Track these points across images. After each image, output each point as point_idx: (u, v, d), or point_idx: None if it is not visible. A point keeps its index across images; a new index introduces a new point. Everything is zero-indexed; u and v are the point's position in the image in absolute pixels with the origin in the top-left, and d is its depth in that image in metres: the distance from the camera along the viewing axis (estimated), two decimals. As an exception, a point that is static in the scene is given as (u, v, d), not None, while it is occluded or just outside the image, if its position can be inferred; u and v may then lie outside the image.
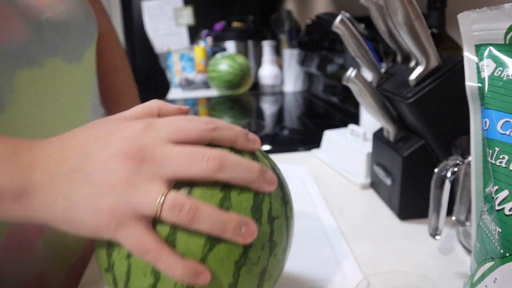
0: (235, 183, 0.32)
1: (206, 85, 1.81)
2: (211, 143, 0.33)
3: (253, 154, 0.36)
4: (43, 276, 0.51)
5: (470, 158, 0.37)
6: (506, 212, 0.31)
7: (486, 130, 0.33)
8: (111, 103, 0.75)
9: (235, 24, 2.00)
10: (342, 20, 0.57)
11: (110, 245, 0.32)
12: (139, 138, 0.31)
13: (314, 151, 0.86)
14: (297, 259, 0.49)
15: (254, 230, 0.31)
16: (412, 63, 0.56)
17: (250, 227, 0.31)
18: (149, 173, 0.30)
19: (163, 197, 0.29)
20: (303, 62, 1.58)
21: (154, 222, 0.31)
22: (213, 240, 0.31)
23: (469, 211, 0.47)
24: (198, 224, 0.29)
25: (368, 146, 0.70)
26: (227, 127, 0.34)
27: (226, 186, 0.32)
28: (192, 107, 1.49)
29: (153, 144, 0.31)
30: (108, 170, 0.30)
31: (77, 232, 0.31)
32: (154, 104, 0.36)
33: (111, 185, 0.30)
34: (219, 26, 2.18)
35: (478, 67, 0.35)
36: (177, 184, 0.31)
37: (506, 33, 0.32)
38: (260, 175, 0.32)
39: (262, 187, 0.33)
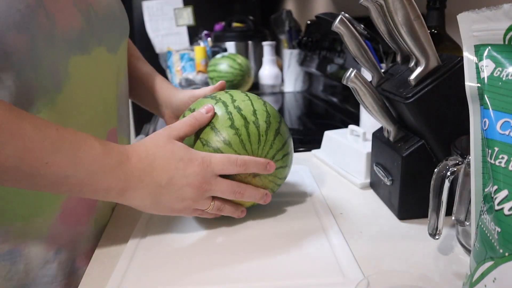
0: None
1: (206, 85, 1.81)
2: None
3: (264, 103, 0.58)
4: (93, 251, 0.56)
5: (469, 158, 0.37)
6: (506, 212, 0.31)
7: (485, 130, 0.33)
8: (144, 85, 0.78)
9: (235, 24, 1.99)
10: (342, 20, 0.57)
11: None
12: (203, 175, 0.50)
13: (314, 151, 0.86)
14: (297, 259, 0.49)
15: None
16: (412, 63, 0.56)
17: (243, 213, 0.57)
18: (206, 196, 0.52)
19: (214, 203, 0.53)
20: (303, 62, 1.58)
21: None
22: None
23: (468, 211, 0.47)
24: (223, 213, 0.55)
25: (368, 146, 0.70)
26: (251, 162, 0.52)
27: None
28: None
29: (209, 179, 0.51)
30: (183, 191, 0.50)
31: (154, 212, 0.52)
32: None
33: (184, 199, 0.50)
34: (219, 26, 2.18)
35: (477, 67, 0.35)
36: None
37: (506, 34, 0.32)
38: (264, 199, 0.56)
39: (263, 201, 0.57)
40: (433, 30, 0.69)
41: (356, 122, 0.85)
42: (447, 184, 0.45)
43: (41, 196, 0.49)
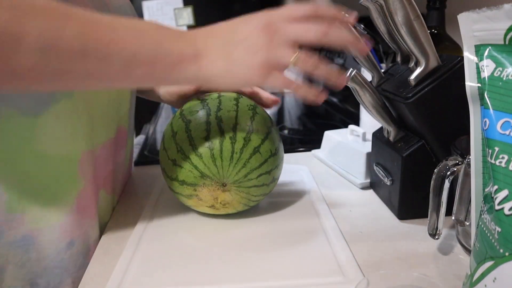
0: (336, 46, 0.45)
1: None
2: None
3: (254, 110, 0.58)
4: None
5: (469, 158, 0.37)
6: (506, 211, 0.31)
7: (485, 130, 0.34)
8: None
9: (235, 24, 1.99)
10: (342, 20, 0.57)
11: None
12: (267, 17, 0.44)
13: (314, 151, 0.86)
14: (297, 259, 0.49)
15: (343, 78, 0.49)
16: (412, 63, 0.56)
17: (342, 76, 0.48)
18: (280, 40, 0.43)
19: (298, 54, 0.43)
20: (303, 62, 1.58)
21: None
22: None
23: (468, 211, 0.47)
24: (318, 71, 0.45)
25: (368, 146, 0.70)
26: (322, 12, 0.45)
27: None
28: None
29: (277, 22, 0.44)
30: (251, 38, 0.43)
31: (231, 83, 0.45)
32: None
33: (257, 48, 0.43)
34: (219, 26, 2.18)
35: (478, 67, 0.35)
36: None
37: (506, 34, 0.32)
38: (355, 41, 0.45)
39: (356, 47, 0.46)
40: (433, 30, 0.70)
41: (356, 122, 0.85)
42: (447, 184, 0.45)
43: (56, 186, 0.50)
